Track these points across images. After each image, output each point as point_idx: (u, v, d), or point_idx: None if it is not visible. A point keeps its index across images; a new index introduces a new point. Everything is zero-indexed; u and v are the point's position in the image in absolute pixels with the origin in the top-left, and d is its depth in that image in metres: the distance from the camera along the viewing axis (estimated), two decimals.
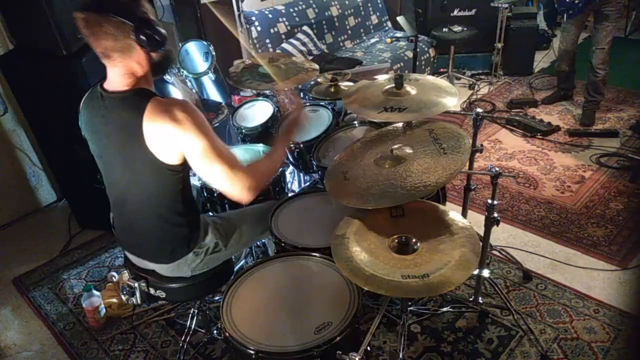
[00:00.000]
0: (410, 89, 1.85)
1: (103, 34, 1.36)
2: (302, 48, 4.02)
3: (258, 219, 1.88)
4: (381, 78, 2.03)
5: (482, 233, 1.94)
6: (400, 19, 4.57)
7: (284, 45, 3.96)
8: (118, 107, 1.44)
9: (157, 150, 1.43)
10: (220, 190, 1.52)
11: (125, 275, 2.04)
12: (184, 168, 1.51)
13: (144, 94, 1.43)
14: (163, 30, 1.43)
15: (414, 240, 1.49)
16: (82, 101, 1.58)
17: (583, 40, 3.79)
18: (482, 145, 2.20)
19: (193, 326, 2.08)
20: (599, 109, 3.77)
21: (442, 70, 4.71)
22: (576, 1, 3.34)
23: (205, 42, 2.54)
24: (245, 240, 1.84)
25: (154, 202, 1.54)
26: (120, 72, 1.44)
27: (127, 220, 1.64)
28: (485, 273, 2.08)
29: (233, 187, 1.47)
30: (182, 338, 2.09)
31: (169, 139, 1.41)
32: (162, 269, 1.68)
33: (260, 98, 2.68)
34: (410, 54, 4.06)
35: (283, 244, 1.74)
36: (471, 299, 2.14)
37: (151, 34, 1.40)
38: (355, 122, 2.32)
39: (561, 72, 3.91)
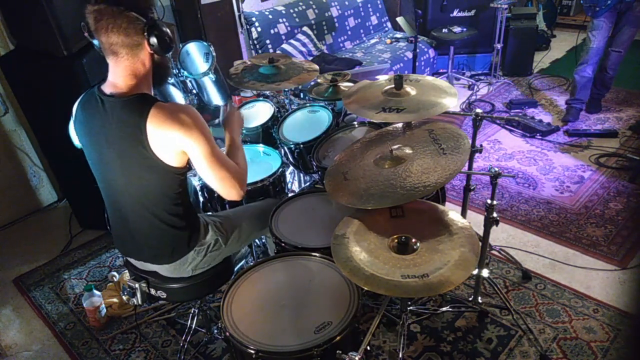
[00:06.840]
0: (410, 90, 1.86)
1: (116, 27, 1.37)
2: (302, 49, 4.02)
3: (257, 217, 1.91)
4: (382, 78, 2.03)
5: (481, 233, 1.95)
6: (400, 20, 4.58)
7: (284, 46, 3.96)
8: (119, 110, 1.44)
9: (162, 154, 1.44)
10: (218, 191, 1.56)
11: (126, 275, 2.05)
12: (185, 171, 1.54)
13: (147, 99, 1.44)
14: (171, 34, 1.46)
15: (413, 240, 1.49)
16: (77, 103, 1.57)
17: (582, 42, 3.73)
18: (481, 145, 2.20)
19: (194, 326, 2.09)
20: (604, 97, 3.85)
21: (441, 70, 4.72)
22: None
23: (205, 43, 2.53)
24: (244, 237, 1.85)
25: (154, 204, 1.55)
26: (123, 73, 1.44)
27: (125, 223, 1.63)
28: (485, 273, 2.08)
29: (230, 189, 1.54)
30: (183, 337, 2.11)
31: (175, 143, 1.43)
32: (163, 269, 1.69)
33: (261, 99, 2.68)
34: (410, 55, 4.08)
35: (283, 244, 1.75)
36: (470, 299, 2.14)
37: (162, 36, 1.43)
38: (355, 122, 2.32)
39: (583, 78, 3.56)
